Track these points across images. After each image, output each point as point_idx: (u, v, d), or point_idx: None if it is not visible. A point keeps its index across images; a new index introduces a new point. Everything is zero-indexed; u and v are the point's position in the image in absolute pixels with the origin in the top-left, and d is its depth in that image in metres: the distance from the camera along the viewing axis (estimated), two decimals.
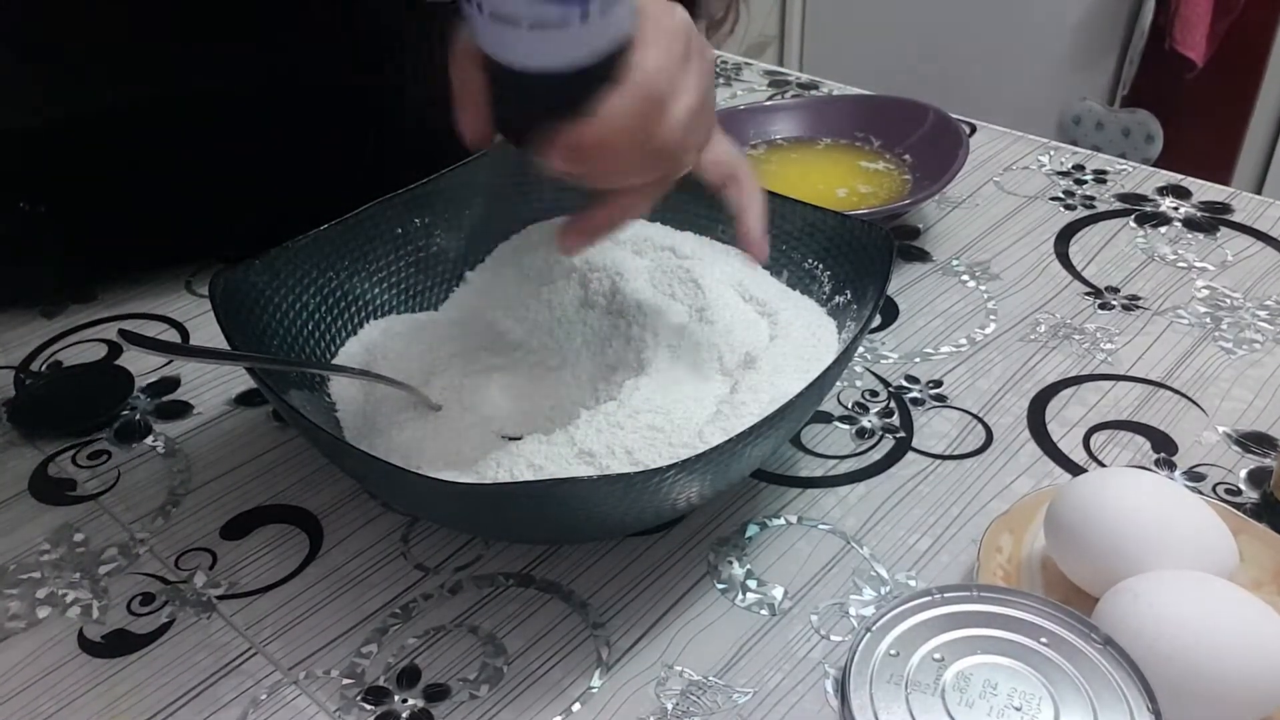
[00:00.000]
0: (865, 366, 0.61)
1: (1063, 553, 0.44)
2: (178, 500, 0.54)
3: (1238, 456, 0.54)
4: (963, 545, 0.50)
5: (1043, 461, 0.54)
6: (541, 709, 0.43)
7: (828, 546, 0.50)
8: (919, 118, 0.78)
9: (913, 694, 0.32)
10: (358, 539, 0.51)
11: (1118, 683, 0.32)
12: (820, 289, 0.57)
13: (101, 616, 0.48)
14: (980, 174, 0.80)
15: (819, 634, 0.46)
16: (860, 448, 0.56)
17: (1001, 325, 0.64)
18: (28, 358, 0.64)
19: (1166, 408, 0.58)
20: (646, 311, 0.55)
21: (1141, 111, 2.01)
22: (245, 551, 0.51)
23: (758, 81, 0.96)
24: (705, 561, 0.49)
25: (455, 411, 0.53)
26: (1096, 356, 0.61)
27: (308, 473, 0.55)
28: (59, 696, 0.44)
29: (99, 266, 0.71)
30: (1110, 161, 0.82)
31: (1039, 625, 0.33)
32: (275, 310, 0.54)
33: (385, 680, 0.44)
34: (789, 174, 0.77)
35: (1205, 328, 0.63)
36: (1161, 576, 0.40)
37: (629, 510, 0.44)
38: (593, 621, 0.47)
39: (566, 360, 0.55)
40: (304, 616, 0.47)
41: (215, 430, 0.58)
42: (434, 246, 0.61)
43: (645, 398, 0.49)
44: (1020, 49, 2.08)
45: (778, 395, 0.49)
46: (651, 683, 0.44)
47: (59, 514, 0.53)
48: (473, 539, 0.51)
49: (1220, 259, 0.70)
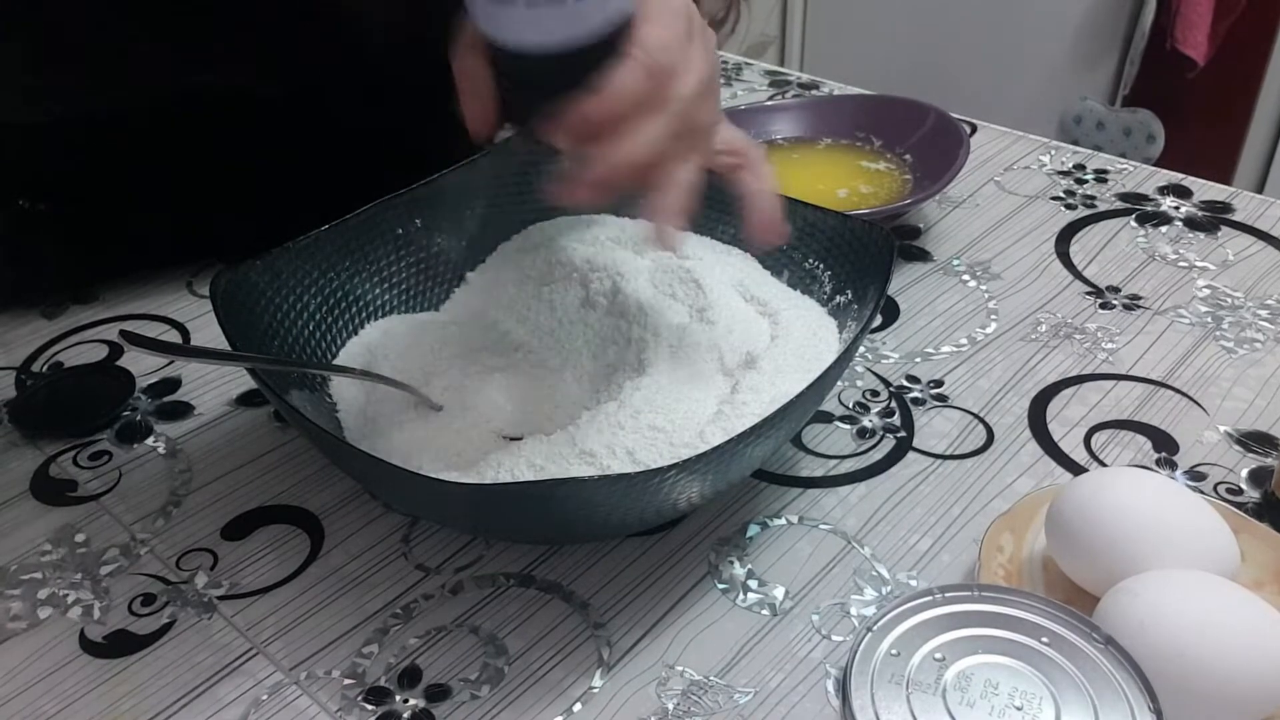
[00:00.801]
0: (866, 366, 0.61)
1: (1064, 552, 0.44)
2: (179, 501, 0.54)
3: (1239, 456, 0.54)
4: (964, 545, 0.50)
5: (1044, 461, 0.54)
6: (543, 709, 0.43)
7: (829, 546, 0.50)
8: (920, 118, 0.78)
9: (914, 694, 0.32)
10: (359, 539, 0.51)
11: (1119, 683, 0.32)
12: (821, 289, 0.57)
13: (103, 617, 0.48)
14: (981, 174, 0.80)
15: (820, 634, 0.46)
16: (861, 447, 0.56)
17: (1002, 325, 0.64)
18: (29, 358, 0.64)
19: (1167, 407, 0.58)
20: (647, 312, 0.55)
21: (1143, 111, 2.01)
22: (246, 552, 0.51)
23: (758, 81, 0.96)
24: (706, 561, 0.49)
25: (456, 412, 0.53)
26: (1097, 356, 0.61)
27: (309, 473, 0.55)
28: (60, 697, 0.44)
29: (99, 266, 0.71)
30: (1111, 161, 0.82)
31: (1040, 625, 0.33)
32: (276, 311, 0.54)
33: (386, 680, 0.44)
34: (790, 174, 0.77)
35: (1206, 327, 0.63)
36: (1162, 576, 0.40)
37: (630, 510, 0.44)
38: (594, 621, 0.47)
39: (567, 360, 0.55)
40: (305, 617, 0.47)
41: (216, 431, 0.58)
42: (435, 247, 0.61)
43: (646, 398, 0.49)
44: (1021, 49, 2.08)
45: (779, 395, 0.49)
46: (652, 683, 0.44)
47: (60, 514, 0.53)
48: (474, 539, 0.51)
49: (1221, 258, 0.70)
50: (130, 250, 0.72)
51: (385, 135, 0.71)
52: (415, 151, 0.83)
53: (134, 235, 0.72)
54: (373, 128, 0.69)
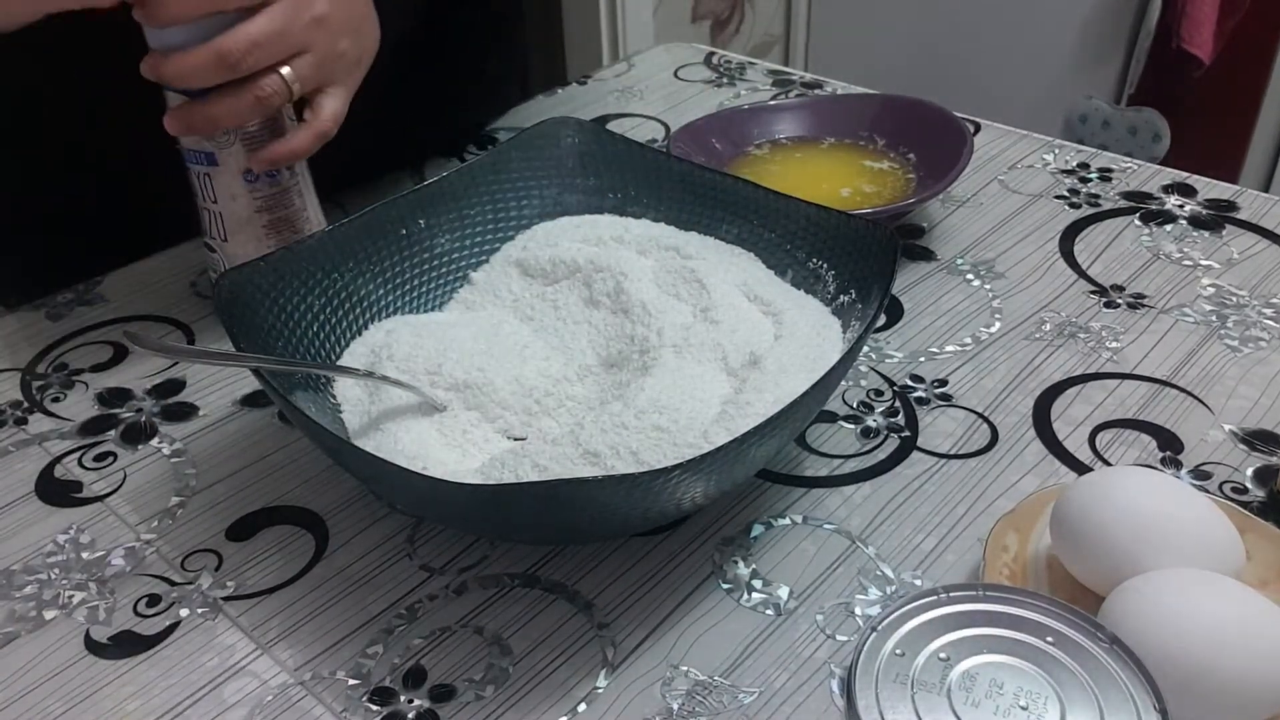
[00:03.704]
0: (870, 366, 0.61)
1: (1068, 552, 0.44)
2: (184, 502, 0.54)
3: (1244, 455, 0.54)
4: (968, 544, 0.50)
5: (1048, 460, 0.54)
6: (547, 709, 0.43)
7: (833, 546, 0.50)
8: (923, 117, 0.78)
9: (918, 693, 0.31)
10: (363, 540, 0.51)
11: (1124, 682, 0.32)
12: (825, 288, 0.57)
13: (108, 618, 0.48)
14: (985, 173, 0.80)
15: (824, 634, 0.46)
16: (865, 447, 0.56)
17: (1006, 324, 0.64)
18: (34, 359, 0.64)
19: (1172, 406, 0.57)
20: (651, 312, 0.55)
21: (1148, 110, 2.01)
22: (251, 553, 0.51)
23: (762, 81, 0.96)
24: (710, 561, 0.49)
25: (459, 412, 0.53)
26: (1102, 355, 0.61)
27: (313, 474, 0.55)
28: (66, 698, 0.44)
29: (102, 260, 0.72)
30: (1115, 159, 0.82)
31: (1045, 624, 0.33)
32: (280, 312, 0.54)
33: (391, 681, 0.44)
34: (793, 173, 0.77)
35: (1211, 326, 0.63)
36: (1168, 575, 0.40)
37: (634, 510, 0.44)
38: (598, 622, 0.47)
39: (571, 360, 0.55)
40: (310, 617, 0.47)
41: (221, 432, 0.58)
42: (438, 247, 0.61)
43: (650, 398, 0.49)
44: (1026, 48, 2.07)
45: (782, 395, 0.49)
46: (657, 683, 0.44)
47: (66, 516, 0.53)
48: (478, 540, 0.51)
49: (1226, 257, 0.70)
50: (131, 246, 0.72)
51: (386, 134, 0.71)
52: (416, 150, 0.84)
53: (135, 231, 0.72)
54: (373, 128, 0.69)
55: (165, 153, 0.58)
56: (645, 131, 0.88)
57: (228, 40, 0.52)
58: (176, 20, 0.52)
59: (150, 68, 0.54)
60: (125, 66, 0.54)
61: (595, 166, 0.64)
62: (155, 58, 0.54)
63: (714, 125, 0.79)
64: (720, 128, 0.79)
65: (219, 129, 0.56)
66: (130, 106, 0.57)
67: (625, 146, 0.64)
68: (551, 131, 0.65)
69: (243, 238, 0.60)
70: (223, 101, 0.55)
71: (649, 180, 0.63)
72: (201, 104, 0.55)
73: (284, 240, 0.61)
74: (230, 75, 0.54)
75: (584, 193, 0.65)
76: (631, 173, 0.64)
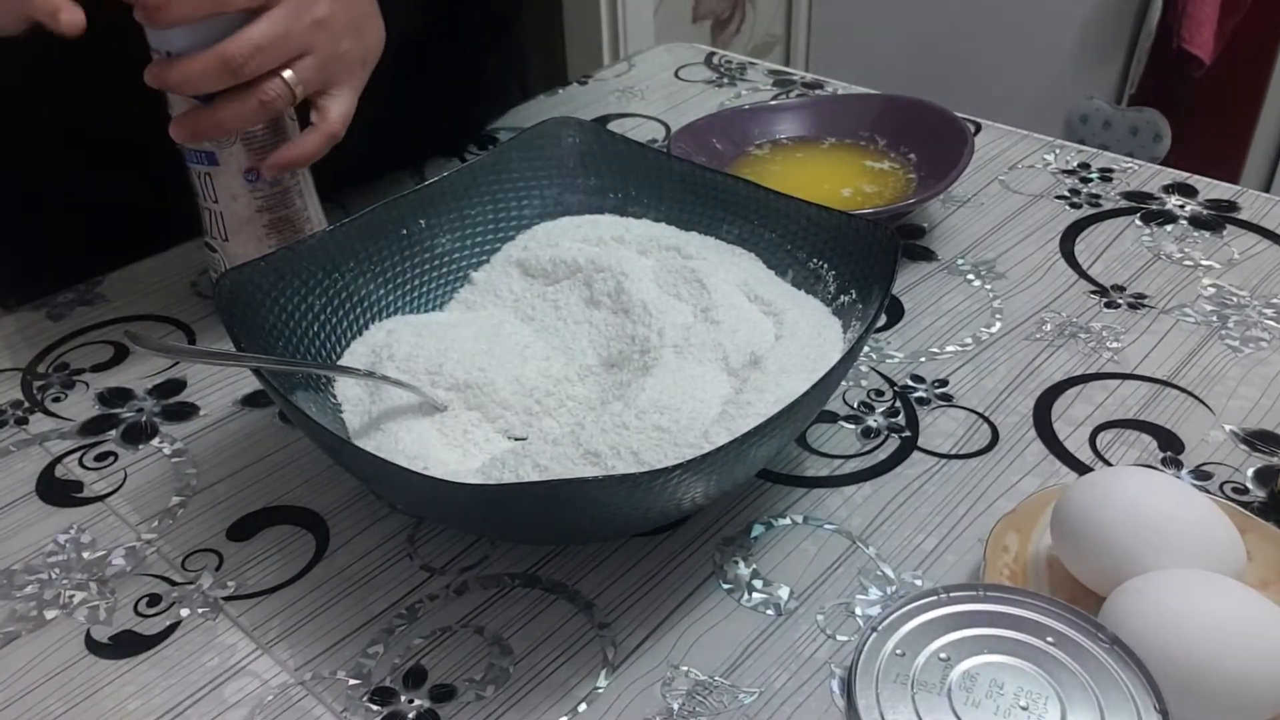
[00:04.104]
0: (870, 366, 0.61)
1: (1069, 552, 0.44)
2: (184, 501, 0.54)
3: (1245, 455, 0.54)
4: (969, 545, 0.50)
5: (1049, 460, 0.54)
6: (547, 709, 0.43)
7: (833, 546, 0.50)
8: (924, 117, 0.78)
9: (919, 693, 0.31)
10: (364, 540, 0.51)
11: (1125, 682, 0.32)
12: (825, 288, 0.57)
13: (109, 618, 0.48)
14: (985, 173, 0.80)
15: (825, 634, 0.46)
16: (866, 447, 0.56)
17: (1007, 324, 0.64)
18: (35, 359, 0.64)
19: (1173, 406, 0.57)
20: (652, 311, 0.55)
21: (1149, 110, 2.01)
22: (252, 552, 0.51)
23: (763, 81, 0.96)
24: (711, 561, 0.49)
25: (460, 412, 0.53)
26: (1102, 355, 0.61)
27: (314, 474, 0.55)
28: (66, 697, 0.44)
29: (103, 260, 0.72)
30: (1116, 160, 0.82)
31: (1045, 625, 0.33)
32: (280, 312, 0.54)
33: (391, 681, 0.44)
34: (794, 173, 0.77)
35: (1211, 326, 0.63)
36: (1168, 576, 0.40)
37: (634, 511, 0.44)
38: (598, 622, 0.47)
39: (572, 360, 0.55)
40: (310, 617, 0.47)
41: (221, 432, 0.58)
42: (439, 247, 0.61)
43: (651, 398, 0.49)
44: (1027, 48, 2.07)
45: (783, 395, 0.49)
46: (657, 683, 0.44)
47: (66, 515, 0.53)
48: (478, 540, 0.51)
49: (1227, 257, 0.70)
50: (131, 245, 0.72)
51: (387, 134, 0.71)
52: (417, 150, 0.84)
53: (136, 230, 0.72)
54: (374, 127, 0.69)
55: (166, 153, 0.58)
56: (646, 131, 0.88)
57: (230, 45, 0.52)
58: (179, 22, 0.52)
59: (154, 76, 0.54)
60: (126, 67, 0.54)
61: (596, 166, 0.64)
62: (159, 65, 0.54)
63: (715, 125, 0.79)
64: (721, 128, 0.79)
65: (225, 135, 0.57)
66: (131, 107, 0.57)
67: (626, 146, 0.65)
68: (552, 131, 0.65)
69: (243, 237, 0.60)
70: (228, 107, 0.55)
71: (650, 180, 0.63)
72: (207, 110, 0.55)
73: (285, 240, 0.61)
74: (234, 80, 0.54)
75: (585, 193, 0.65)
76: (632, 173, 0.64)
